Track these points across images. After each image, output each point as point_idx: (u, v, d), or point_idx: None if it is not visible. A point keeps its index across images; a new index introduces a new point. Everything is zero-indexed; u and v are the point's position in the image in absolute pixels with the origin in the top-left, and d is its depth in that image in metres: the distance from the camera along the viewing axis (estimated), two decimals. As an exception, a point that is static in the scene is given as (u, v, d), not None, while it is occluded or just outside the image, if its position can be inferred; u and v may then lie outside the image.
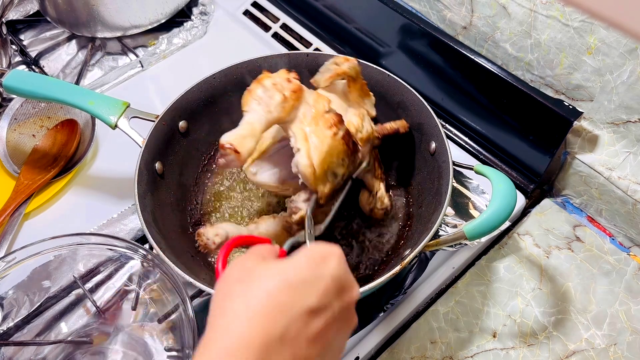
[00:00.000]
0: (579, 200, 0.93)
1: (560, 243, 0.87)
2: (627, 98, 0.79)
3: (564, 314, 0.80)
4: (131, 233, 0.86)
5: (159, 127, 0.79)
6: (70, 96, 0.79)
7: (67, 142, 0.95)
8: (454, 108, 0.98)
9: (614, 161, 0.85)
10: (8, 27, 1.13)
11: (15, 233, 0.86)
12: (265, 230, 0.73)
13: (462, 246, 0.82)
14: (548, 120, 0.84)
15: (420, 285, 0.82)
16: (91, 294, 0.78)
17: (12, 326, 0.75)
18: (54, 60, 1.12)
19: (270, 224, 0.74)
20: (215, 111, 0.87)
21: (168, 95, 0.82)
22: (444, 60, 0.94)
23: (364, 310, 0.78)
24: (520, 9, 0.85)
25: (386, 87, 0.84)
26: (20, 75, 0.81)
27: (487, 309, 0.81)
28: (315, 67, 0.88)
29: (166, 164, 0.80)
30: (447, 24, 0.96)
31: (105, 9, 1.05)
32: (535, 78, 0.89)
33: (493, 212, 0.64)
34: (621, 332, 0.78)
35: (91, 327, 0.77)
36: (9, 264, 0.73)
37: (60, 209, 0.91)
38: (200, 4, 1.17)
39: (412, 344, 0.78)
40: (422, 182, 0.80)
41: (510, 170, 0.94)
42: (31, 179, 0.90)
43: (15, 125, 0.96)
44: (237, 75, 0.87)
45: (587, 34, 0.79)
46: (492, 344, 0.78)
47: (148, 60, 1.09)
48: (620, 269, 0.84)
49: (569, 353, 0.77)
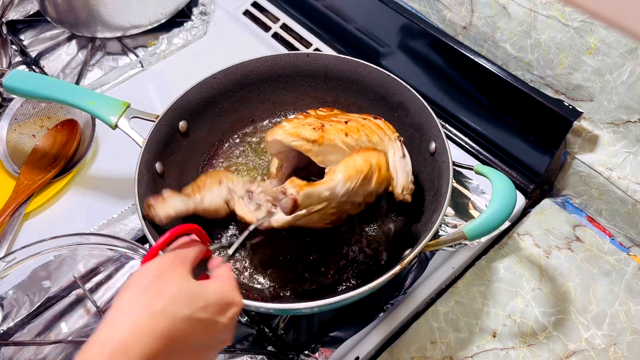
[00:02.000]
0: (579, 200, 0.93)
1: (560, 243, 0.87)
2: (627, 98, 0.79)
3: (564, 314, 0.80)
4: (131, 233, 0.86)
5: (159, 127, 0.79)
6: (70, 96, 0.79)
7: (67, 142, 0.95)
8: (454, 108, 0.98)
9: (614, 161, 0.85)
10: (8, 27, 1.13)
11: (15, 233, 0.86)
12: (208, 204, 0.73)
13: (462, 246, 0.82)
14: (548, 120, 0.84)
15: (420, 285, 0.82)
16: (91, 294, 0.78)
17: (12, 326, 0.75)
18: (54, 60, 1.12)
19: (215, 196, 0.73)
20: (215, 111, 0.87)
21: (168, 96, 0.82)
22: (444, 60, 0.94)
23: (364, 310, 0.78)
24: (520, 9, 0.85)
25: (386, 87, 0.84)
26: (20, 75, 0.81)
27: (487, 309, 0.81)
28: (315, 67, 0.88)
29: (166, 164, 0.80)
30: (447, 24, 0.96)
31: (105, 9, 1.05)
32: (535, 78, 0.89)
33: (493, 212, 0.64)
34: (621, 332, 0.78)
35: (91, 327, 0.77)
36: (9, 264, 0.73)
37: (60, 209, 0.91)
38: (200, 4, 1.17)
39: (412, 344, 0.78)
40: (422, 182, 0.80)
41: (510, 170, 0.94)
42: (31, 179, 0.90)
43: (15, 125, 0.96)
44: (237, 75, 0.87)
45: (587, 34, 0.79)
46: (492, 344, 0.78)
47: (148, 60, 1.09)
48: (620, 269, 0.84)
49: (569, 353, 0.77)
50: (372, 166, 0.66)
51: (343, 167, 0.64)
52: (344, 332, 0.77)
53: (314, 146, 0.66)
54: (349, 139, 0.68)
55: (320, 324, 0.78)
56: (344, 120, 0.72)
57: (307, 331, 0.78)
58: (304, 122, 0.69)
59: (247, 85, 0.88)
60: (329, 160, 0.68)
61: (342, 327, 0.77)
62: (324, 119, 0.72)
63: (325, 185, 0.62)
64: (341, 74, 0.88)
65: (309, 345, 0.76)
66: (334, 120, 0.71)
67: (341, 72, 0.87)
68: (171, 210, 0.69)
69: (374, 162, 0.66)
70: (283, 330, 0.78)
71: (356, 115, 0.76)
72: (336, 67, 0.87)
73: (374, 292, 0.67)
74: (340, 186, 0.63)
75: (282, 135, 0.66)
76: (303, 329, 0.78)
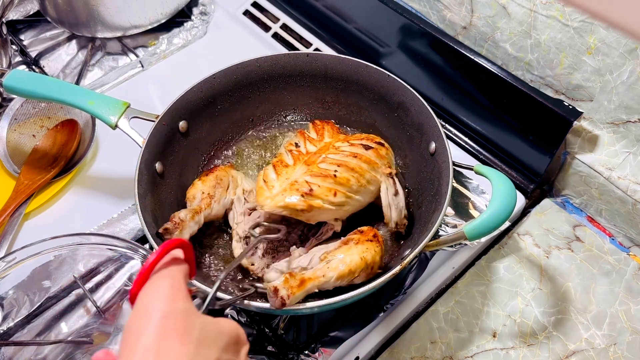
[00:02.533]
0: (579, 200, 0.93)
1: (560, 243, 0.87)
2: (627, 98, 0.79)
3: (564, 314, 0.80)
4: (131, 233, 0.86)
5: (159, 127, 0.79)
6: (71, 96, 0.79)
7: (67, 142, 0.95)
8: (454, 108, 0.98)
9: (614, 161, 0.85)
10: (8, 27, 1.13)
11: (15, 233, 0.86)
12: (215, 214, 0.76)
13: (462, 246, 0.82)
14: (548, 120, 0.84)
15: (420, 285, 0.82)
16: (91, 294, 0.78)
17: (12, 326, 0.75)
18: (54, 60, 1.12)
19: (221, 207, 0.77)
20: (215, 111, 0.87)
21: (168, 96, 0.82)
22: (444, 60, 0.94)
23: (364, 310, 0.78)
24: (520, 9, 0.85)
25: (386, 87, 0.84)
26: (20, 75, 0.81)
27: (487, 309, 0.81)
28: (315, 67, 0.88)
29: (166, 164, 0.80)
30: (447, 24, 0.96)
31: (105, 9, 1.05)
32: (535, 78, 0.89)
33: (493, 212, 0.64)
34: (621, 332, 0.78)
35: (91, 327, 0.77)
36: (9, 264, 0.73)
37: (60, 209, 0.91)
38: (201, 4, 1.17)
39: (412, 344, 0.78)
40: (422, 183, 0.80)
41: (510, 170, 0.94)
42: (31, 179, 0.90)
43: (15, 125, 0.96)
44: (237, 75, 0.87)
45: (587, 34, 0.79)
46: (492, 344, 0.78)
47: (148, 60, 1.09)
48: (620, 269, 0.84)
49: (568, 353, 0.77)
50: (366, 264, 0.68)
51: (337, 265, 0.66)
52: (344, 332, 0.77)
53: (303, 214, 0.70)
54: (338, 197, 0.71)
55: (320, 324, 0.78)
56: (334, 166, 0.72)
57: (307, 331, 0.78)
58: (292, 184, 0.70)
59: (247, 85, 0.88)
60: (319, 219, 0.72)
61: (342, 327, 0.77)
62: (312, 164, 0.73)
63: (316, 282, 0.65)
64: (341, 74, 0.88)
65: (309, 345, 0.76)
66: (322, 167, 0.72)
67: (341, 72, 0.87)
68: (187, 235, 0.71)
69: (369, 260, 0.68)
70: (283, 330, 0.78)
71: (355, 141, 0.77)
72: (336, 67, 0.87)
73: (374, 292, 0.67)
74: (331, 283, 0.66)
75: (270, 207, 0.69)
76: (303, 329, 0.78)
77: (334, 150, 0.76)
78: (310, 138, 0.80)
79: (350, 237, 0.71)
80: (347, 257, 0.67)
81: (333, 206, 0.70)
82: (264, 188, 0.71)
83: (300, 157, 0.75)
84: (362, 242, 0.69)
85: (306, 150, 0.77)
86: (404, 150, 0.86)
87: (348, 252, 0.67)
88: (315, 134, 0.81)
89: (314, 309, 0.65)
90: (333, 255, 0.67)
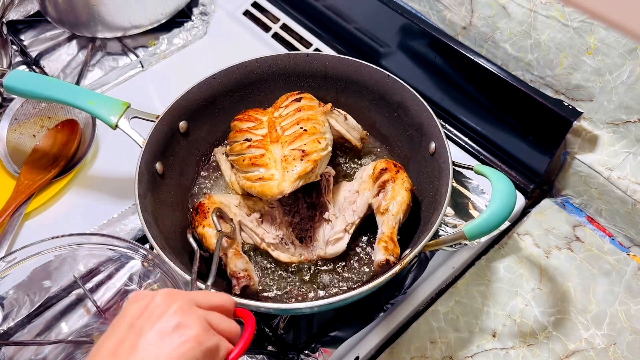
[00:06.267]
0: (578, 200, 0.93)
1: (560, 243, 0.87)
2: (626, 98, 0.79)
3: (563, 314, 0.80)
4: (131, 233, 0.86)
5: (159, 128, 0.79)
6: (71, 96, 0.79)
7: (67, 142, 0.95)
8: (454, 108, 0.98)
9: (613, 161, 0.85)
10: (8, 27, 1.13)
11: (15, 233, 0.86)
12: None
13: (462, 246, 0.82)
14: (548, 120, 0.84)
15: (420, 285, 0.82)
16: (92, 294, 0.78)
17: (13, 326, 0.75)
18: (54, 61, 1.12)
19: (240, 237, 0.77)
20: (215, 111, 0.87)
21: (168, 96, 0.82)
22: (444, 60, 0.94)
23: (364, 310, 0.78)
24: (520, 9, 0.85)
25: (386, 87, 0.84)
26: (20, 75, 0.81)
27: (487, 309, 0.81)
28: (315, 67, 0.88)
29: (166, 164, 0.80)
30: (447, 24, 0.96)
31: (105, 9, 1.05)
32: (535, 78, 0.89)
33: (493, 212, 0.64)
34: (621, 332, 0.78)
35: (91, 327, 0.77)
36: (9, 264, 0.73)
37: (60, 209, 0.91)
38: (201, 4, 1.17)
39: (412, 343, 0.78)
40: (422, 182, 0.80)
41: (510, 170, 0.94)
42: (31, 179, 0.90)
43: (15, 125, 0.96)
44: (237, 75, 0.87)
45: (587, 34, 0.79)
46: (492, 343, 0.78)
47: (148, 60, 1.09)
48: (620, 269, 0.84)
49: (568, 353, 0.77)
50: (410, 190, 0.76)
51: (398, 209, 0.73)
52: (344, 332, 0.77)
53: (312, 173, 0.74)
54: (322, 142, 0.76)
55: (320, 324, 0.78)
56: (296, 127, 0.77)
57: (307, 331, 0.78)
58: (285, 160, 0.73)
59: (247, 85, 0.88)
60: (321, 170, 0.76)
61: (342, 327, 0.77)
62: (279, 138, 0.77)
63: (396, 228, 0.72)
64: (341, 74, 0.88)
65: (309, 345, 0.76)
66: (289, 133, 0.76)
67: (341, 72, 0.87)
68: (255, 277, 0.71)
69: (409, 186, 0.75)
70: (283, 330, 0.78)
71: (284, 102, 0.82)
72: (336, 67, 0.87)
73: (374, 292, 0.67)
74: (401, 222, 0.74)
75: (289, 186, 0.72)
76: (303, 329, 0.78)
77: (281, 118, 0.80)
78: (255, 127, 0.80)
79: (383, 179, 0.75)
80: (398, 196, 0.73)
81: (325, 151, 0.76)
82: (268, 183, 0.72)
83: (264, 142, 0.77)
84: (395, 178, 0.75)
85: (262, 136, 0.78)
86: (404, 150, 0.86)
87: (395, 193, 0.74)
88: (251, 123, 0.81)
89: (314, 309, 0.65)
90: (386, 201, 0.73)
